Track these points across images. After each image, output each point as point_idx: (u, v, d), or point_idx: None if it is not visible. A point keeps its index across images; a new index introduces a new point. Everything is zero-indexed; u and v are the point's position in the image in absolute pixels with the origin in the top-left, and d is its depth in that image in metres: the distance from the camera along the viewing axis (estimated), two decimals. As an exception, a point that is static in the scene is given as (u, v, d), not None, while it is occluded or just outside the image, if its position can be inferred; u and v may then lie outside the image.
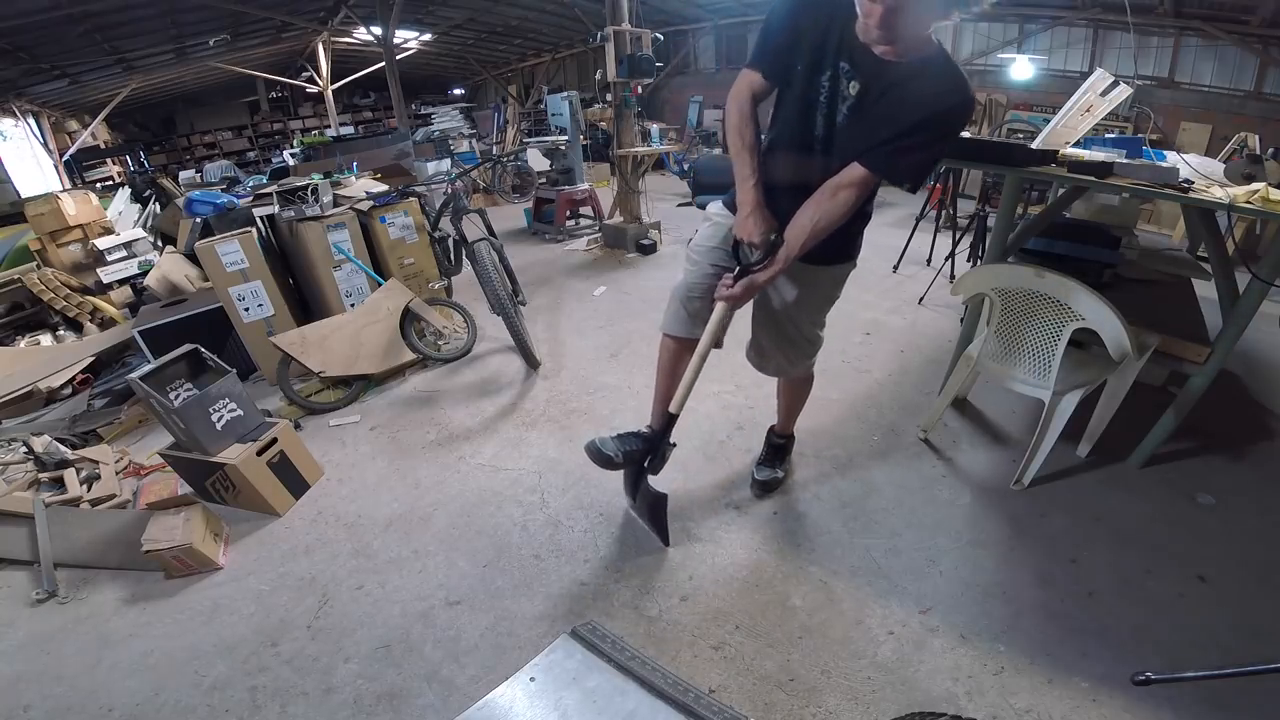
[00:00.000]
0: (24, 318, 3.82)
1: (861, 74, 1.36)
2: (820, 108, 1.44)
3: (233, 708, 1.47)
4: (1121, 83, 2.22)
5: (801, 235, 1.45)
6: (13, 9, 5.71)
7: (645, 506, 1.91)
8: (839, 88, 1.40)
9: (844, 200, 1.42)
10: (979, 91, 7.81)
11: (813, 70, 1.42)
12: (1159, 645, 1.53)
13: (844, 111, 1.41)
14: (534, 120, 12.15)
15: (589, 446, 1.75)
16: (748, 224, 1.51)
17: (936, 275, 3.97)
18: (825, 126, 1.45)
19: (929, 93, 1.31)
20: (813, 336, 1.82)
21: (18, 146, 8.60)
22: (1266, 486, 2.12)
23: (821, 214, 1.43)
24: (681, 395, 1.68)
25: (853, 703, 1.42)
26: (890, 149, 1.36)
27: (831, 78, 1.40)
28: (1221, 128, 5.99)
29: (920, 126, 1.33)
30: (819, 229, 1.44)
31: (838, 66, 1.38)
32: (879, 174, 1.40)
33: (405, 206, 3.32)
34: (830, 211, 1.43)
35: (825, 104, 1.43)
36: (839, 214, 1.43)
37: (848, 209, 1.43)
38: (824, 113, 1.44)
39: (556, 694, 1.27)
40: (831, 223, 1.44)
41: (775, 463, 2.17)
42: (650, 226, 5.17)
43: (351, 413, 2.79)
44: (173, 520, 1.87)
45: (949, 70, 1.34)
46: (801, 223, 1.46)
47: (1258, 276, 1.80)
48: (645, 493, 1.87)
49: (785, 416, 2.13)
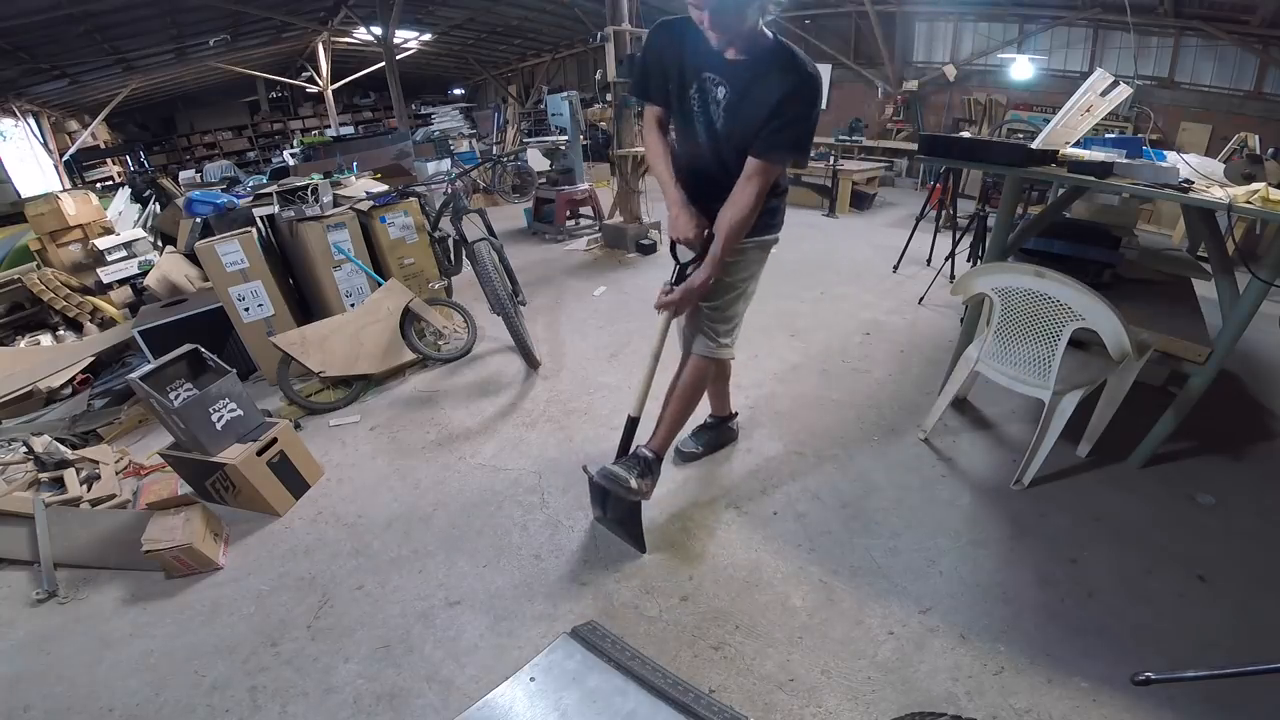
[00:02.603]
0: (24, 318, 3.81)
1: (723, 77, 1.56)
2: (699, 117, 1.64)
3: (233, 708, 1.47)
4: (1121, 83, 2.22)
5: (726, 230, 1.62)
6: (13, 9, 5.71)
7: (618, 515, 1.85)
8: (709, 95, 1.59)
9: (752, 191, 1.59)
10: (979, 91, 7.83)
11: (682, 87, 1.63)
12: (1159, 645, 1.53)
13: (720, 115, 1.60)
14: (534, 120, 12.16)
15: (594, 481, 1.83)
16: (678, 222, 1.69)
17: (936, 275, 3.98)
18: (708, 131, 1.64)
19: (775, 78, 1.49)
20: (722, 316, 1.85)
21: (18, 146, 8.60)
22: (1266, 486, 2.12)
23: (738, 208, 1.60)
24: (639, 399, 1.81)
25: (853, 703, 1.42)
26: (766, 134, 1.54)
27: (699, 89, 1.60)
28: (1221, 128, 6.00)
29: (780, 108, 1.50)
30: (740, 220, 1.61)
31: (701, 77, 1.58)
32: (766, 158, 1.56)
33: (405, 206, 3.32)
34: (744, 203, 1.60)
35: (701, 112, 1.63)
36: (751, 203, 1.60)
37: (757, 197, 1.60)
38: (703, 120, 1.64)
39: (556, 694, 1.28)
40: (749, 211, 1.61)
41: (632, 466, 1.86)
42: (650, 226, 5.17)
43: (351, 413, 2.79)
44: (173, 520, 1.87)
45: (786, 55, 1.51)
46: (724, 219, 1.63)
47: (1258, 276, 1.80)
48: (618, 502, 1.81)
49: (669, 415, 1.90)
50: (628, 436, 1.86)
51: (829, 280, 4.27)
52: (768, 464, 2.28)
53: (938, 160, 2.39)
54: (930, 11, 7.94)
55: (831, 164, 6.40)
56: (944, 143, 2.41)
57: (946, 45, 8.10)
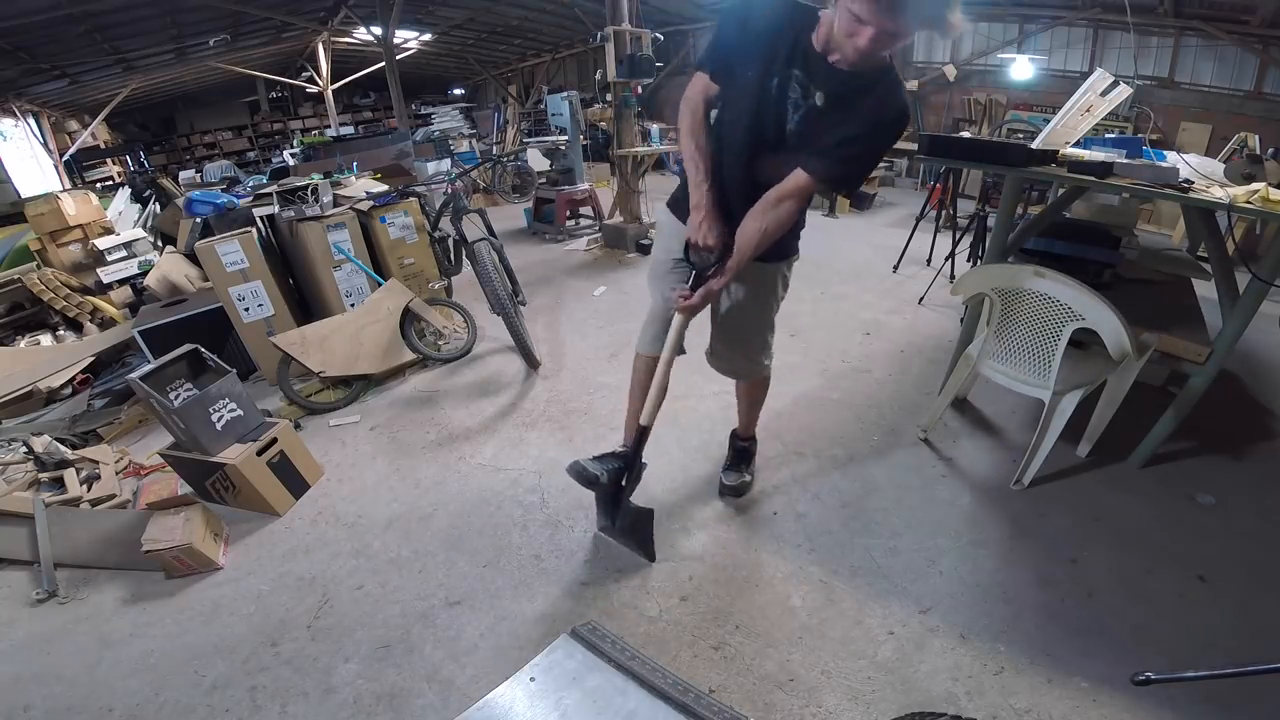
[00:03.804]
0: (24, 318, 3.81)
1: (815, 81, 1.39)
2: (768, 111, 1.45)
3: (233, 708, 1.47)
4: (1121, 83, 2.22)
5: (751, 242, 1.50)
6: (13, 9, 5.70)
7: (628, 525, 1.84)
8: (788, 93, 1.42)
9: (788, 209, 1.47)
10: (979, 91, 7.83)
11: (764, 74, 1.43)
12: (1159, 645, 1.53)
13: (794, 117, 1.44)
14: (534, 120, 12.14)
15: (571, 468, 1.74)
16: (701, 228, 1.53)
17: (936, 275, 3.98)
18: (775, 130, 1.47)
19: (876, 104, 1.36)
20: (762, 339, 1.84)
21: (18, 146, 8.59)
22: (1266, 486, 2.12)
23: (767, 221, 1.48)
24: (652, 408, 1.73)
25: (853, 703, 1.42)
26: (836, 156, 1.40)
27: (780, 84, 1.42)
28: (1221, 128, 5.99)
29: (866, 136, 1.38)
30: (768, 235, 1.49)
31: (789, 73, 1.41)
32: (821, 180, 1.45)
33: (405, 206, 3.32)
34: (776, 219, 1.48)
35: (774, 108, 1.45)
36: (784, 221, 1.49)
37: (791, 215, 1.49)
38: (773, 117, 1.46)
39: (556, 694, 1.27)
40: (779, 229, 1.49)
41: (741, 466, 2.17)
42: (650, 226, 5.17)
43: (351, 413, 2.79)
44: (173, 520, 1.87)
45: (895, 84, 1.39)
46: (749, 230, 1.50)
47: (1258, 276, 1.81)
48: (627, 511, 1.82)
49: (745, 419, 2.12)
50: (638, 445, 1.79)
51: (829, 280, 4.27)
52: (768, 464, 2.28)
53: (938, 160, 2.39)
54: (930, 11, 7.93)
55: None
56: (944, 143, 2.41)
57: (946, 45, 8.07)
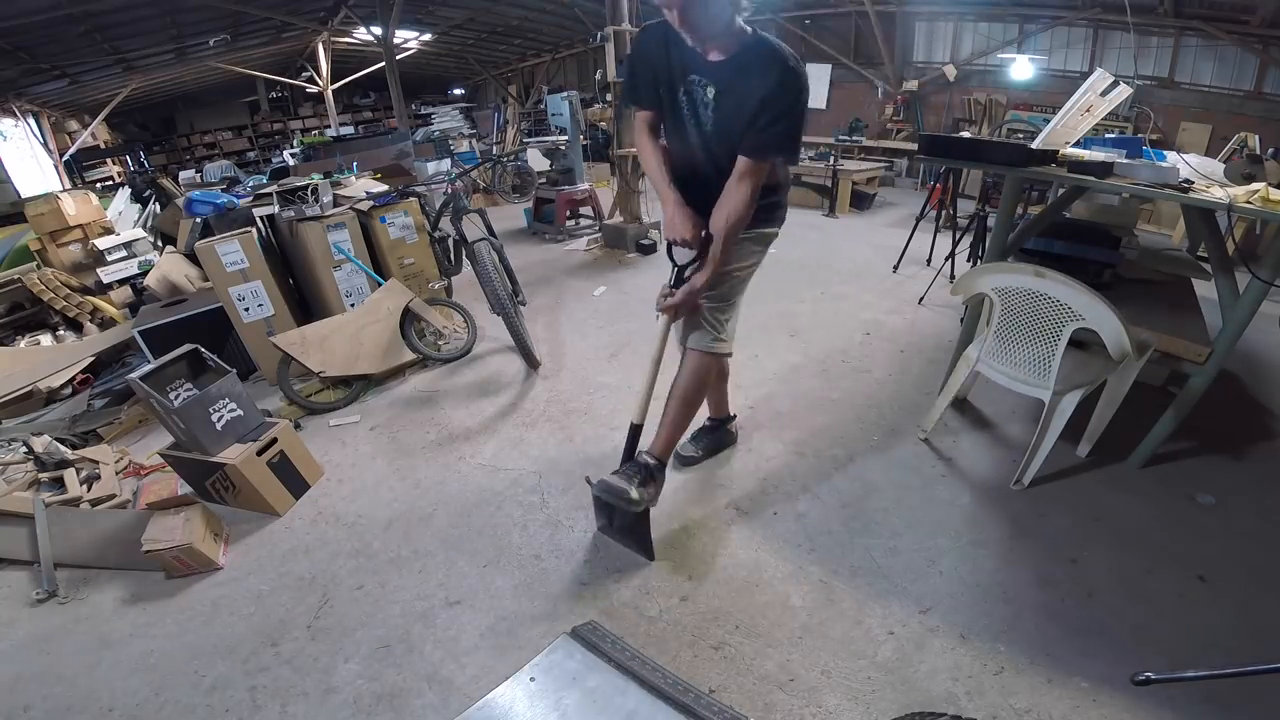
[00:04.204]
0: (24, 318, 3.81)
1: (708, 78, 1.55)
2: (689, 119, 1.64)
3: (233, 708, 1.47)
4: (1121, 83, 2.22)
5: (723, 230, 1.61)
6: (13, 9, 5.71)
7: (626, 525, 1.82)
8: (696, 97, 1.59)
9: (744, 191, 1.58)
10: (979, 91, 7.83)
11: (671, 90, 1.63)
12: (1159, 645, 1.53)
13: (708, 115, 1.60)
14: (534, 120, 12.15)
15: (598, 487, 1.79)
16: (675, 222, 1.68)
17: (936, 275, 3.98)
18: (699, 133, 1.64)
19: (758, 75, 1.48)
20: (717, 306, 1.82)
21: (18, 146, 8.59)
22: (1266, 486, 2.12)
23: (731, 209, 1.60)
24: (641, 406, 1.80)
25: (853, 703, 1.42)
26: (753, 133, 1.52)
27: (687, 91, 1.60)
28: (1221, 128, 5.99)
29: (764, 105, 1.48)
30: (736, 221, 1.61)
31: (688, 79, 1.58)
32: (755, 157, 1.55)
33: (405, 206, 3.32)
34: (737, 204, 1.59)
35: (691, 115, 1.63)
36: (746, 201, 1.59)
37: (750, 195, 1.59)
38: (693, 122, 1.64)
39: (556, 694, 1.27)
40: (744, 210, 1.60)
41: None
42: (650, 226, 5.17)
43: (351, 413, 2.79)
44: (173, 520, 1.87)
45: (766, 50, 1.49)
46: (718, 221, 1.62)
47: (1258, 276, 1.80)
48: (624, 511, 1.79)
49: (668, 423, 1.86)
50: (631, 443, 1.84)
51: (829, 280, 4.27)
52: (768, 464, 2.28)
53: (938, 160, 2.39)
54: (930, 11, 7.94)
55: (831, 164, 6.40)
56: (944, 143, 2.41)
57: (946, 45, 8.09)
